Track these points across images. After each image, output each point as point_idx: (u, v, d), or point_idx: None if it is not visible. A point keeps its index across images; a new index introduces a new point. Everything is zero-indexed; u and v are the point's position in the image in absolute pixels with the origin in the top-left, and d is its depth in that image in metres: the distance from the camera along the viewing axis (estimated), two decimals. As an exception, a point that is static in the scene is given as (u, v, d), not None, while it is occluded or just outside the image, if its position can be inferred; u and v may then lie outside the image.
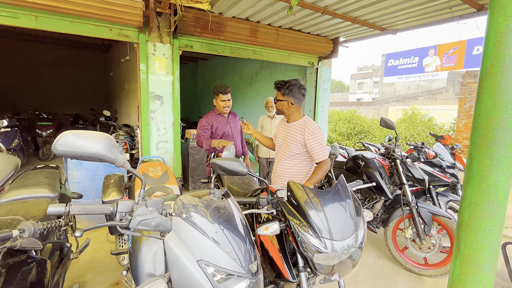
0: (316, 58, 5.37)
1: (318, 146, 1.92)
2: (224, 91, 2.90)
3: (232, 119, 3.11)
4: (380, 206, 2.75)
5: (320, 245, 1.08)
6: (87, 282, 2.24)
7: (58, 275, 1.47)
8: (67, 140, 0.77)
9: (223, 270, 0.83)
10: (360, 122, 10.89)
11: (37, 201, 1.56)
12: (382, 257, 2.78)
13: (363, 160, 2.78)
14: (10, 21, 3.10)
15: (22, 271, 0.91)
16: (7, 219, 1.09)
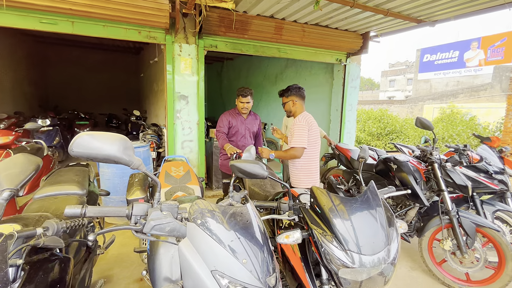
0: (344, 54, 5.12)
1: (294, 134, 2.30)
2: (243, 93, 2.96)
3: (250, 120, 3.13)
4: (414, 213, 2.53)
5: (346, 259, 0.98)
6: (114, 276, 2.33)
7: (85, 270, 1.52)
8: (83, 141, 0.76)
9: (238, 282, 0.77)
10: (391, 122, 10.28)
11: (66, 197, 1.63)
12: (416, 269, 2.56)
13: (395, 163, 2.57)
14: (50, 27, 3.33)
15: (44, 269, 0.93)
16: (35, 215, 1.13)
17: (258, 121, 3.21)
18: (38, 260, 0.96)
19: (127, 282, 2.26)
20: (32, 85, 8.23)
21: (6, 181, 0.75)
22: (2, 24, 3.15)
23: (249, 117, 3.14)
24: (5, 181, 0.75)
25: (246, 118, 3.11)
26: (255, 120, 3.18)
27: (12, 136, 2.98)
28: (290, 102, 2.45)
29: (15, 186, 0.75)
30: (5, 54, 6.43)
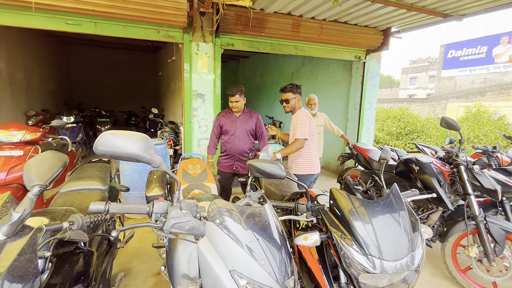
0: (364, 51, 4.98)
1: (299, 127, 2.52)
2: (230, 93, 2.90)
3: (243, 118, 3.01)
4: (437, 217, 2.42)
5: (367, 263, 0.94)
6: (133, 269, 2.40)
7: (106, 263, 1.57)
8: (107, 140, 0.78)
9: (256, 284, 0.77)
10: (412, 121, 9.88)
11: (90, 192, 1.69)
12: (438, 276, 2.45)
13: (418, 165, 2.47)
14: (75, 28, 3.47)
15: (70, 261, 0.97)
16: (61, 209, 1.18)
17: (254, 119, 3.04)
18: (64, 253, 1.00)
19: (145, 276, 2.33)
20: (57, 84, 8.63)
21: (36, 177, 0.78)
22: (32, 26, 3.32)
23: (242, 116, 3.01)
24: (35, 177, 0.78)
25: (239, 117, 3.00)
26: (250, 118, 3.02)
27: (40, 133, 3.13)
28: (296, 99, 2.64)
29: (44, 182, 0.79)
30: (33, 55, 6.78)
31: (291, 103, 2.63)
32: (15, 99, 5.69)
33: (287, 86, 2.65)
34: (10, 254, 0.65)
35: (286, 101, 2.64)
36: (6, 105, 5.29)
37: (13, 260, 0.65)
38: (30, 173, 0.78)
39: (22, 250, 0.68)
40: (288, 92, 2.63)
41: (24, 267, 0.67)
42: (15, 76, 5.71)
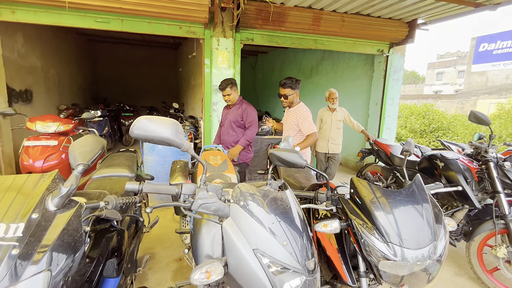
0: (387, 44, 4.82)
1: (304, 124, 2.61)
2: (220, 87, 2.92)
3: (233, 111, 2.98)
4: (462, 216, 2.33)
5: (388, 251, 0.95)
6: (156, 254, 2.53)
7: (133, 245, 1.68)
8: (142, 124, 0.84)
9: (278, 262, 0.80)
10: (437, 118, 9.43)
11: (119, 179, 1.80)
12: (462, 275, 2.37)
13: (443, 161, 2.38)
14: (104, 25, 3.65)
15: (106, 237, 1.06)
16: (96, 192, 1.28)
17: (240, 110, 2.89)
18: (100, 229, 1.09)
19: (167, 261, 2.45)
20: (85, 80, 9.09)
21: (80, 157, 0.87)
22: (65, 24, 3.53)
23: (233, 108, 2.95)
24: (79, 157, 0.86)
25: (230, 109, 3.00)
26: (237, 110, 2.92)
27: (72, 125, 3.35)
28: (294, 94, 2.67)
29: (87, 161, 0.87)
30: (65, 52, 7.19)
31: (290, 98, 2.66)
32: (49, 94, 6.08)
33: (286, 81, 2.63)
34: (60, 223, 0.74)
35: (284, 97, 2.66)
36: (41, 99, 5.67)
37: (63, 228, 0.73)
38: (75, 154, 0.87)
39: (70, 220, 0.76)
40: (287, 88, 2.62)
41: (72, 235, 0.75)
42: (49, 73, 6.10)
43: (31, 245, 0.66)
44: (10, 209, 0.70)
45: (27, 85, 5.15)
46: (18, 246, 0.64)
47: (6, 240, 0.64)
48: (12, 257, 0.63)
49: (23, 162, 2.97)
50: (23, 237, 0.66)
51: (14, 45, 4.77)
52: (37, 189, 0.77)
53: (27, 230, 0.67)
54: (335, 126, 3.77)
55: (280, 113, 8.20)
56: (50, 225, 0.72)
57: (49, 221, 0.73)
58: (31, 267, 0.64)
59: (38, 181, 0.79)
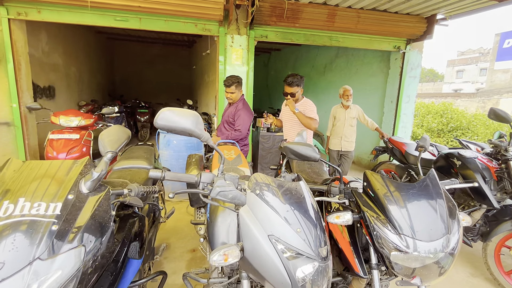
0: (404, 41, 4.71)
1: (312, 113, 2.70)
2: (226, 83, 2.89)
3: (229, 110, 3.01)
4: (479, 216, 2.28)
5: (400, 242, 0.97)
6: (171, 244, 2.62)
7: (151, 233, 1.76)
8: (165, 115, 0.89)
9: (292, 248, 0.84)
10: (456, 117, 9.11)
11: (138, 170, 1.89)
12: (478, 276, 2.32)
13: (460, 159, 2.33)
14: (122, 24, 3.77)
15: (129, 222, 1.13)
16: (118, 181, 1.36)
17: (235, 111, 2.93)
18: (124, 215, 1.16)
19: (182, 251, 2.53)
20: (103, 77, 9.40)
21: (109, 145, 0.93)
22: (87, 23, 3.68)
23: (231, 107, 2.99)
24: (108, 145, 0.93)
25: (229, 107, 3.02)
26: (233, 110, 2.95)
27: (92, 119, 3.50)
28: (300, 91, 2.71)
29: (115, 149, 0.94)
30: (84, 50, 7.46)
31: (297, 96, 2.68)
32: (70, 90, 6.34)
33: (293, 80, 2.63)
34: (92, 205, 0.80)
35: (291, 95, 2.67)
36: (62, 95, 5.93)
37: (94, 209, 0.80)
38: (104, 142, 0.94)
39: (100, 202, 0.83)
40: (295, 86, 2.64)
41: (102, 216, 0.82)
42: (70, 70, 6.36)
43: (67, 222, 0.73)
44: (48, 190, 0.77)
45: (50, 81, 5.40)
46: (57, 223, 0.71)
47: (47, 217, 0.71)
48: (52, 233, 0.69)
49: (47, 154, 3.14)
50: (61, 215, 0.73)
51: (39, 43, 5.01)
52: (72, 173, 0.84)
53: (64, 209, 0.74)
54: (349, 124, 3.74)
55: (293, 110, 8.18)
56: (83, 206, 0.79)
57: (83, 202, 0.80)
58: (68, 242, 0.71)
59: (72, 166, 0.87)
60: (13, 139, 3.75)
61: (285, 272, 0.83)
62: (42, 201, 0.74)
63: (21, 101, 3.71)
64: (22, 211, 0.70)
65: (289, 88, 2.67)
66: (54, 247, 0.69)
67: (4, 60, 3.55)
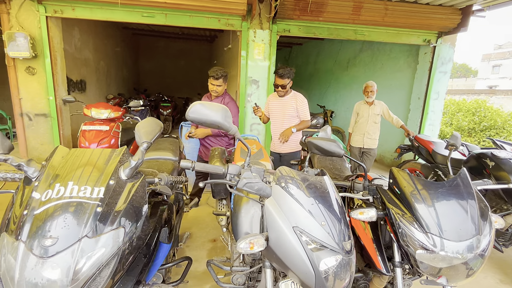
0: (435, 34, 4.46)
1: (304, 111, 2.80)
2: (215, 75, 2.75)
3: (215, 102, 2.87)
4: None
5: (426, 241, 0.95)
6: (193, 234, 2.73)
7: (176, 221, 1.85)
8: (196, 109, 0.94)
9: (317, 240, 0.86)
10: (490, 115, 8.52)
11: (165, 161, 1.98)
12: (508, 283, 2.21)
13: (493, 160, 2.21)
14: (149, 20, 3.90)
15: (160, 209, 1.20)
16: (148, 170, 1.44)
17: (221, 103, 2.87)
18: (155, 202, 1.24)
19: (203, 241, 2.63)
20: (129, 71, 9.78)
21: (144, 135, 1.00)
22: (116, 19, 3.85)
23: (215, 99, 2.91)
24: (144, 135, 1.00)
25: (212, 100, 2.91)
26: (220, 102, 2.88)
27: (121, 112, 3.69)
28: (290, 83, 2.72)
29: (150, 140, 1.00)
30: (112, 46, 7.79)
31: (287, 87, 2.72)
32: (99, 84, 6.68)
33: (284, 72, 2.64)
34: (130, 190, 0.87)
35: (282, 86, 2.69)
36: (92, 89, 6.26)
37: (132, 194, 0.87)
38: (140, 133, 1.00)
39: (137, 188, 0.89)
40: (286, 78, 2.65)
41: (138, 201, 0.88)
42: (99, 65, 6.68)
43: (109, 206, 0.80)
44: (92, 176, 0.84)
45: (81, 75, 5.72)
46: (101, 205, 0.78)
47: (92, 200, 0.78)
48: (97, 214, 0.76)
49: (80, 144, 3.35)
50: (104, 198, 0.80)
51: (72, 39, 5.30)
52: (112, 161, 0.91)
53: (106, 193, 0.81)
54: (372, 120, 3.64)
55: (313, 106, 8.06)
56: (122, 191, 0.86)
57: (122, 188, 0.86)
58: (110, 223, 0.78)
59: (112, 155, 0.94)
60: (49, 129, 4.04)
61: (309, 263, 0.85)
62: (88, 185, 0.81)
63: (57, 94, 3.97)
64: (71, 194, 0.78)
65: (280, 80, 2.67)
66: (98, 227, 0.76)
67: (42, 56, 3.81)
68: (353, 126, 3.82)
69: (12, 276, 0.67)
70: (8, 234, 0.72)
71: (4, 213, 0.82)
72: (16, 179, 0.92)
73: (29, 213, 0.74)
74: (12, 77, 3.80)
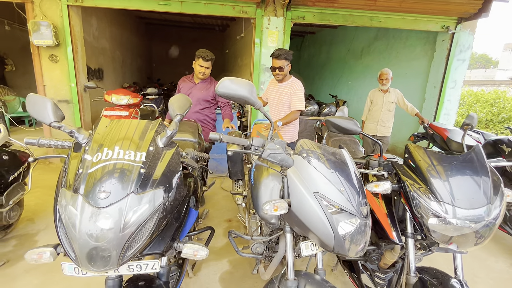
0: (454, 20, 4.34)
1: (296, 99, 2.52)
2: (205, 57, 2.67)
3: (201, 86, 2.81)
4: (527, 205, 2.17)
5: (439, 208, 1.01)
6: (209, 214, 2.86)
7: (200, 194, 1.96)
8: (225, 84, 1.01)
9: (336, 204, 0.93)
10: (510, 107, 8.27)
11: (185, 142, 2.08)
12: (519, 268, 2.24)
13: (510, 145, 2.20)
14: (165, 8, 3.97)
15: (187, 180, 1.30)
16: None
17: (212, 88, 2.80)
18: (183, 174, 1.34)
19: (219, 220, 2.76)
20: (143, 61, 9.94)
21: (177, 109, 1.09)
22: (133, 7, 3.93)
23: (200, 84, 2.80)
24: (177, 109, 1.09)
25: (197, 84, 2.80)
26: (209, 87, 2.81)
27: (139, 99, 3.83)
28: (288, 66, 2.55)
29: (183, 112, 1.09)
30: (127, 35, 7.92)
31: (285, 70, 2.52)
32: (115, 73, 6.85)
33: (280, 52, 2.49)
34: (167, 157, 0.97)
35: (280, 69, 2.50)
36: (110, 77, 6.44)
37: (169, 160, 0.96)
38: (173, 106, 1.09)
39: (172, 156, 0.99)
40: (283, 59, 2.47)
41: (174, 166, 0.98)
42: (115, 54, 6.84)
43: (150, 168, 0.90)
44: (134, 142, 0.94)
45: (99, 64, 5.89)
46: (144, 167, 0.88)
47: (136, 162, 0.88)
48: (140, 174, 0.86)
49: (102, 129, 3.52)
50: (146, 161, 0.89)
51: (90, 28, 5.44)
52: (149, 130, 1.00)
53: (147, 157, 0.91)
54: (386, 108, 3.63)
55: (325, 96, 8.01)
56: (160, 157, 0.95)
57: (160, 154, 0.96)
58: (151, 184, 0.88)
59: (149, 125, 1.03)
60: (71, 115, 4.23)
61: (328, 225, 0.93)
62: (131, 150, 0.91)
63: (78, 81, 4.13)
64: (118, 156, 0.88)
65: (277, 62, 2.49)
66: (142, 186, 0.86)
67: (64, 44, 3.96)
68: (367, 113, 3.82)
69: (74, 223, 0.78)
70: (67, 189, 0.83)
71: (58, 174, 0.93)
72: (65, 146, 1.03)
73: (84, 172, 0.84)
74: (36, 65, 3.98)
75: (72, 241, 0.79)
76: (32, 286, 1.82)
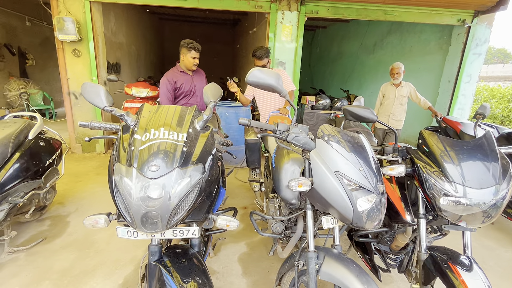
0: (471, 13, 4.29)
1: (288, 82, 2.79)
2: (198, 48, 2.72)
3: (197, 77, 2.92)
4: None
5: (450, 188, 1.10)
6: (227, 200, 3.00)
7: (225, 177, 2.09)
8: (255, 73, 1.12)
9: (355, 182, 1.04)
10: (527, 102, 8.05)
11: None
12: (529, 257, 2.29)
13: (523, 138, 2.24)
14: (182, 3, 4.08)
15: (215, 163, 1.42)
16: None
17: (203, 75, 2.99)
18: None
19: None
20: (156, 55, 10.13)
21: (211, 96, 1.21)
22: (151, 3, 4.07)
23: (195, 75, 2.91)
24: (211, 96, 1.21)
25: (193, 76, 2.87)
26: (201, 76, 2.97)
27: (157, 91, 3.99)
28: (269, 61, 2.77)
29: (216, 99, 1.21)
30: (142, 30, 8.10)
31: (268, 67, 2.68)
32: (131, 67, 7.05)
33: (261, 53, 2.64)
34: (203, 138, 1.09)
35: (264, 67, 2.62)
36: (126, 71, 6.64)
37: (205, 141, 1.08)
38: (208, 94, 1.22)
39: (208, 137, 1.11)
40: (264, 58, 2.68)
41: (209, 147, 1.10)
42: (131, 48, 7.03)
43: (190, 147, 1.02)
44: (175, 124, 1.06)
45: (117, 58, 6.08)
46: (185, 146, 1.00)
47: (179, 141, 1.01)
48: (183, 152, 0.99)
49: (122, 120, 3.70)
50: (187, 141, 1.02)
51: (109, 24, 5.62)
52: (187, 115, 1.13)
53: (188, 138, 1.03)
54: (398, 102, 3.67)
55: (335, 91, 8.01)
56: (198, 137, 1.08)
57: (197, 135, 1.08)
58: (192, 161, 1.00)
59: (186, 111, 1.15)
60: (93, 108, 4.43)
61: (348, 200, 1.04)
62: (174, 131, 1.03)
63: (99, 74, 4.32)
64: (163, 136, 1.01)
65: (260, 62, 2.69)
66: (185, 162, 0.98)
67: (86, 39, 4.14)
68: (378, 107, 3.87)
69: (129, 192, 0.91)
70: (121, 164, 0.96)
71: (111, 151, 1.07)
72: (113, 128, 1.17)
73: (135, 149, 0.97)
74: (60, 59, 4.18)
75: (128, 207, 0.93)
76: (69, 260, 2.00)
